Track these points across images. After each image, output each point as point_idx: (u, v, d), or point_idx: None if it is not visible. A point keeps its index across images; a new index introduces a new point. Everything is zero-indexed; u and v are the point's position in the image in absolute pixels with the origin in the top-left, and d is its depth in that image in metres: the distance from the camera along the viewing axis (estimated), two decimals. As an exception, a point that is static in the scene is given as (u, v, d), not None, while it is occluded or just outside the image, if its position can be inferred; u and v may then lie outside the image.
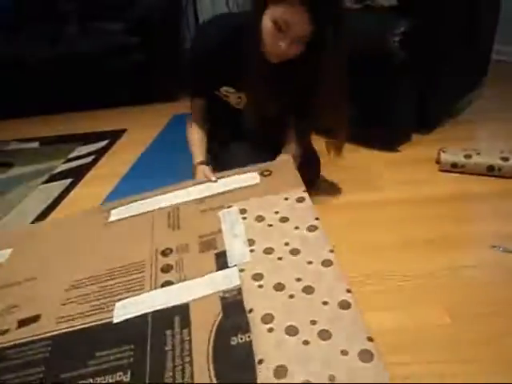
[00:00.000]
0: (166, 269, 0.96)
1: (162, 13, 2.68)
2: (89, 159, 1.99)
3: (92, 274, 0.99)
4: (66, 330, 0.86)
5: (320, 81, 1.17)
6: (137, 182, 1.72)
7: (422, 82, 1.73)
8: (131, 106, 2.68)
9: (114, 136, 2.25)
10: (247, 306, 0.82)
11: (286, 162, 1.25)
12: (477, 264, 1.08)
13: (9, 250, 1.13)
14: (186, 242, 1.02)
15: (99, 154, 2.05)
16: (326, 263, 0.88)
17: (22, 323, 0.90)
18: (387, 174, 1.55)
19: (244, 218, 1.05)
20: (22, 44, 2.69)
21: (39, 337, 0.86)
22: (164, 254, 1.01)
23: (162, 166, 1.84)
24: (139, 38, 2.61)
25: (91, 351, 0.80)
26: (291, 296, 0.82)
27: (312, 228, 0.98)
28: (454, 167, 1.53)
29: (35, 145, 2.27)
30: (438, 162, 1.58)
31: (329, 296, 0.80)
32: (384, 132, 1.74)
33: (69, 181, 1.78)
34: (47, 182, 1.81)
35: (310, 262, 0.89)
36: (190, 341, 0.78)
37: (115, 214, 1.18)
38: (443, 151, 1.56)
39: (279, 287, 0.84)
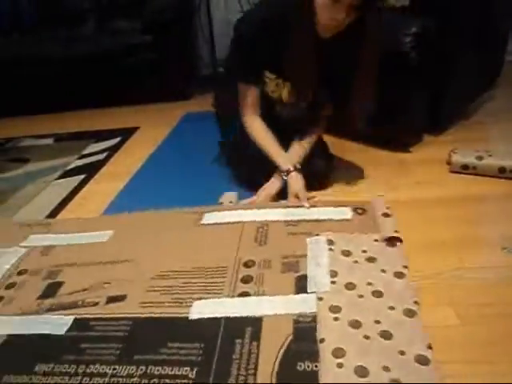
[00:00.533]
0: (246, 280, 0.98)
1: (174, 12, 2.66)
2: (102, 156, 2.00)
3: (178, 268, 1.05)
4: (146, 315, 0.92)
5: (360, 63, 1.20)
6: (148, 179, 1.73)
7: (433, 82, 1.69)
8: (144, 104, 2.71)
9: (127, 133, 2.26)
10: (320, 335, 0.81)
11: (380, 203, 1.22)
12: (487, 265, 1.04)
13: (110, 232, 1.24)
14: (269, 259, 1.04)
15: (112, 151, 2.06)
16: (409, 313, 0.84)
17: (110, 300, 0.98)
18: (398, 174, 1.52)
19: (330, 250, 1.04)
20: (38, 43, 2.74)
21: (122, 315, 0.93)
22: (246, 265, 1.03)
23: (173, 164, 1.85)
24: (152, 36, 2.62)
25: (164, 340, 0.85)
26: (366, 337, 0.79)
27: (399, 275, 0.95)
28: (465, 169, 1.48)
29: (50, 141, 2.29)
30: (448, 163, 1.53)
31: (407, 346, 0.77)
32: (395, 132, 1.70)
33: (82, 177, 1.79)
34: (61, 177, 1.82)
35: (391, 308, 0.86)
36: (257, 355, 0.79)
37: (208, 218, 1.24)
38: (454, 152, 1.51)
39: (356, 325, 0.82)
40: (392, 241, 1.06)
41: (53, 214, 1.49)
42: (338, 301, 0.88)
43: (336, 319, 0.84)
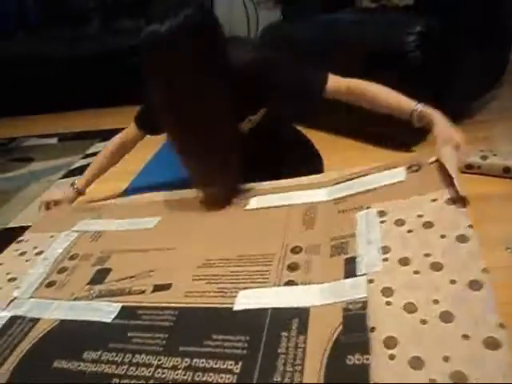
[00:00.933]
0: (293, 267, 0.93)
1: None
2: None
3: (224, 256, 1.02)
4: (191, 304, 0.90)
5: None
6: (152, 178, 1.71)
7: (437, 81, 1.69)
8: None
9: None
10: (370, 324, 0.74)
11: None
12: (491, 266, 0.94)
13: (158, 218, 1.24)
14: (317, 243, 0.97)
15: None
16: (475, 285, 0.72)
17: (157, 288, 0.97)
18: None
19: (382, 222, 0.94)
20: (43, 43, 2.77)
21: (168, 305, 0.92)
22: (294, 251, 0.98)
23: (176, 164, 1.78)
24: None
25: (209, 332, 0.82)
26: (423, 321, 0.70)
27: (462, 238, 0.81)
28: (469, 168, 1.46)
29: (54, 141, 2.31)
30: None
31: (473, 330, 0.66)
32: (398, 132, 1.65)
33: None
34: (65, 177, 1.83)
35: (453, 281, 0.74)
36: (304, 349, 0.74)
37: (253, 203, 1.20)
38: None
39: (411, 308, 0.73)
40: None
41: None
42: (391, 281, 0.79)
43: (388, 303, 0.75)
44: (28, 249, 1.24)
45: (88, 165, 1.85)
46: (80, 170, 1.86)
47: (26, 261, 1.18)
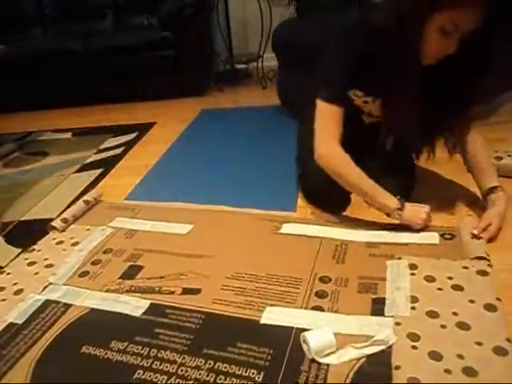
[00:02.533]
0: (321, 294, 0.96)
1: (193, 9, 2.64)
2: (119, 150, 2.01)
3: (253, 272, 1.05)
4: (219, 311, 0.93)
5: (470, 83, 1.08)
6: (164, 174, 1.74)
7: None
8: (161, 99, 2.72)
9: (144, 129, 2.26)
10: (395, 362, 0.77)
11: (471, 223, 1.14)
12: (505, 267, 1.02)
13: (190, 226, 1.28)
14: (346, 277, 1.01)
15: (129, 145, 2.06)
16: (499, 351, 0.77)
17: (185, 291, 1.01)
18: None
19: (412, 274, 0.99)
20: (58, 38, 2.80)
21: (196, 308, 0.95)
22: (322, 280, 1.01)
23: (188, 160, 1.84)
24: (170, 33, 2.60)
25: (234, 339, 0.85)
26: (447, 371, 0.74)
27: (491, 307, 0.87)
28: None
29: (68, 135, 2.31)
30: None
31: None
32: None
33: (99, 171, 1.80)
34: (79, 171, 1.84)
35: (479, 343, 0.79)
36: (326, 371, 0.77)
37: (286, 228, 1.24)
38: None
39: (436, 356, 0.77)
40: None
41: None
42: (418, 328, 0.84)
43: (414, 348, 0.80)
44: (65, 239, 1.29)
45: (102, 159, 1.93)
46: (94, 165, 1.89)
47: (63, 250, 1.23)
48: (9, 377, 0.83)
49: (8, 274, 1.16)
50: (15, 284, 1.11)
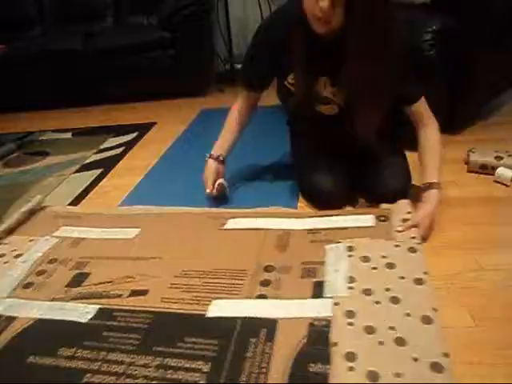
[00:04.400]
0: (265, 283, 1.00)
1: (192, 9, 2.66)
2: (119, 150, 2.03)
3: (200, 268, 1.08)
4: (166, 309, 0.96)
5: (351, 56, 1.08)
6: (164, 174, 1.76)
7: (451, 81, 1.66)
8: (161, 99, 2.76)
9: (144, 129, 2.29)
10: (333, 339, 0.82)
11: (404, 208, 1.22)
12: (503, 268, 1.04)
13: (137, 230, 1.29)
14: (289, 265, 1.06)
15: (129, 145, 2.09)
16: (426, 320, 0.84)
17: (133, 293, 1.02)
18: (413, 173, 1.38)
19: (350, 256, 1.05)
20: (58, 38, 2.80)
21: (144, 309, 0.96)
22: (266, 269, 1.05)
23: (188, 160, 1.86)
24: (170, 33, 2.65)
25: (182, 335, 0.88)
26: (380, 343, 0.80)
27: (419, 281, 0.95)
28: (484, 169, 1.46)
29: (68, 135, 2.34)
30: (466, 162, 1.51)
31: (421, 355, 0.77)
32: (410, 132, 1.61)
33: (99, 171, 1.83)
34: (79, 171, 1.86)
35: (407, 314, 0.86)
36: (270, 354, 0.81)
37: (232, 223, 1.27)
38: (472, 152, 1.49)
39: (370, 330, 0.83)
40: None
41: (71, 205, 1.54)
42: (354, 306, 0.89)
43: (350, 324, 0.85)
44: (7, 251, 1.26)
45: (102, 159, 1.95)
46: (95, 165, 1.91)
47: (5, 262, 1.20)
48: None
49: None
50: (-46, 302, 1.08)
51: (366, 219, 1.20)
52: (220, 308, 0.94)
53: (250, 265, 1.07)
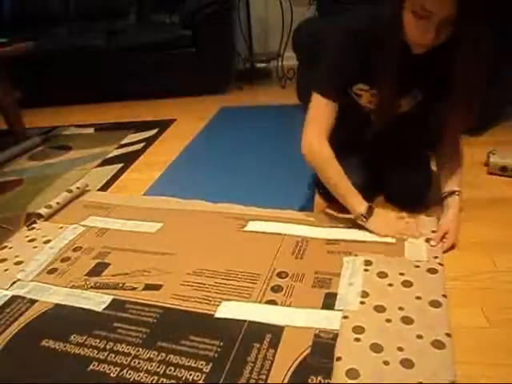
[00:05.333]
0: (276, 289, 1.00)
1: (213, 7, 2.67)
2: (139, 146, 2.07)
3: (213, 268, 1.09)
4: (176, 306, 0.97)
5: (456, 76, 1.05)
6: (183, 170, 1.78)
7: None
8: (181, 96, 2.78)
9: (164, 125, 2.32)
10: (337, 353, 0.80)
11: (428, 224, 1.17)
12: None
13: (160, 224, 1.32)
14: (303, 272, 1.05)
15: (149, 141, 2.12)
16: (438, 344, 0.81)
17: (147, 287, 1.04)
18: (433, 174, 1.38)
19: (366, 270, 1.03)
20: (81, 35, 2.86)
21: (155, 303, 0.98)
22: (279, 275, 1.05)
23: (207, 156, 1.88)
24: (191, 31, 2.67)
25: (187, 333, 0.89)
26: (386, 362, 0.78)
27: (436, 304, 0.91)
28: (504, 171, 1.45)
29: (91, 130, 2.39)
30: (486, 164, 1.51)
31: (427, 380, 0.74)
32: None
33: (120, 165, 1.86)
34: (101, 165, 1.90)
35: (419, 337, 0.83)
36: (271, 362, 0.80)
37: (252, 226, 1.27)
38: (493, 154, 1.49)
39: (377, 348, 0.81)
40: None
41: None
42: (363, 322, 0.87)
43: (357, 340, 0.83)
44: (38, 237, 1.32)
45: (123, 154, 1.98)
46: (115, 160, 1.95)
47: (34, 247, 1.27)
48: (-30, 369, 0.86)
49: (-21, 270, 1.20)
50: (-14, 280, 1.14)
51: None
52: (229, 309, 0.95)
53: (264, 269, 1.07)
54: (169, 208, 1.42)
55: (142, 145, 2.10)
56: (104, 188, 1.67)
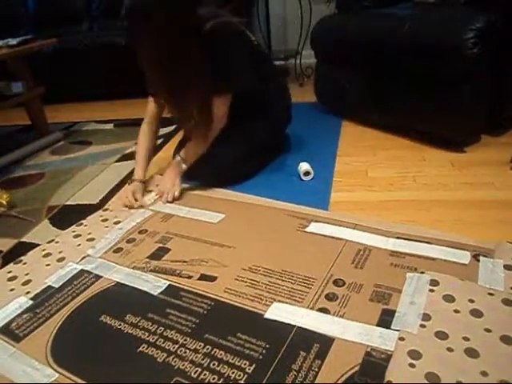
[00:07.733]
0: (331, 297, 0.96)
1: (232, 4, 2.54)
2: (157, 142, 2.00)
3: (269, 267, 1.07)
4: (227, 300, 0.97)
5: None
6: None
7: (495, 81, 1.59)
8: None
9: None
10: (387, 377, 0.75)
11: (506, 251, 1.07)
12: None
13: (222, 215, 1.33)
14: (361, 283, 1.00)
15: (167, 137, 2.13)
16: None
17: (202, 277, 1.06)
18: (453, 173, 1.47)
19: (431, 291, 0.95)
20: (104, 32, 2.87)
21: (208, 294, 0.99)
22: (336, 283, 1.01)
23: None
24: None
25: (235, 329, 0.89)
26: None
27: (508, 340, 0.81)
28: None
29: (110, 126, 2.44)
30: None
31: None
32: (450, 131, 1.61)
33: None
34: (120, 160, 1.94)
35: (484, 373, 0.74)
36: (316, 373, 0.77)
37: (313, 227, 1.24)
38: None
39: (433, 379, 0.74)
40: None
41: (110, 193, 1.62)
42: (421, 347, 0.80)
43: (412, 365, 0.77)
44: (110, 217, 1.40)
45: None
46: (134, 155, 1.92)
47: (106, 227, 1.34)
48: (35, 334, 0.93)
49: (56, 242, 1.29)
50: (60, 252, 1.23)
51: (462, 255, 1.07)
52: (279, 311, 0.93)
53: (321, 274, 1.03)
54: (231, 199, 1.43)
55: (160, 141, 2.10)
56: (122, 183, 1.68)
